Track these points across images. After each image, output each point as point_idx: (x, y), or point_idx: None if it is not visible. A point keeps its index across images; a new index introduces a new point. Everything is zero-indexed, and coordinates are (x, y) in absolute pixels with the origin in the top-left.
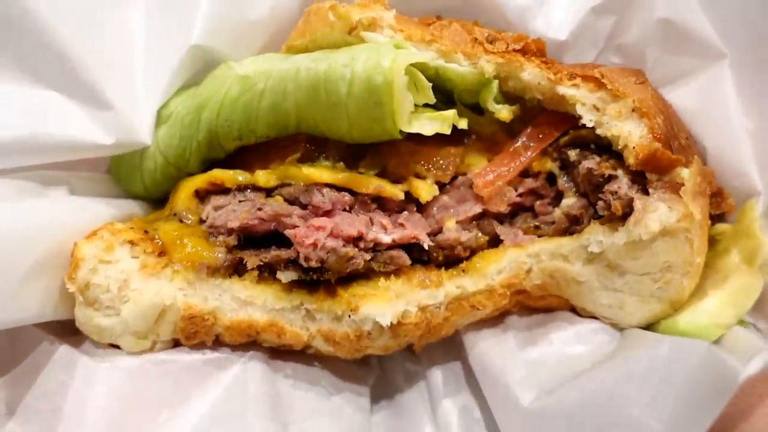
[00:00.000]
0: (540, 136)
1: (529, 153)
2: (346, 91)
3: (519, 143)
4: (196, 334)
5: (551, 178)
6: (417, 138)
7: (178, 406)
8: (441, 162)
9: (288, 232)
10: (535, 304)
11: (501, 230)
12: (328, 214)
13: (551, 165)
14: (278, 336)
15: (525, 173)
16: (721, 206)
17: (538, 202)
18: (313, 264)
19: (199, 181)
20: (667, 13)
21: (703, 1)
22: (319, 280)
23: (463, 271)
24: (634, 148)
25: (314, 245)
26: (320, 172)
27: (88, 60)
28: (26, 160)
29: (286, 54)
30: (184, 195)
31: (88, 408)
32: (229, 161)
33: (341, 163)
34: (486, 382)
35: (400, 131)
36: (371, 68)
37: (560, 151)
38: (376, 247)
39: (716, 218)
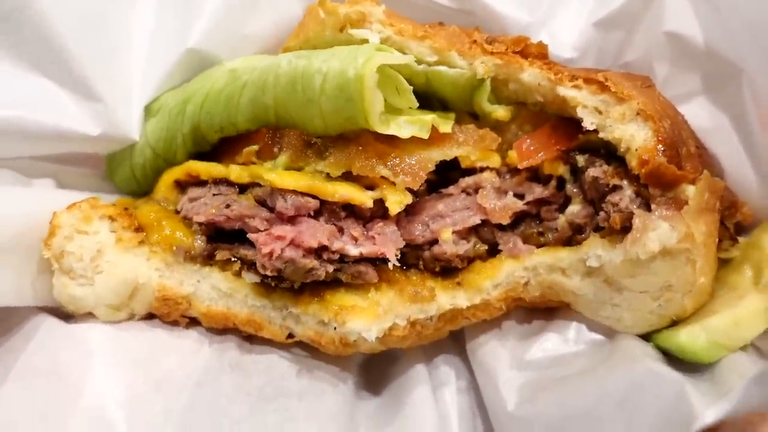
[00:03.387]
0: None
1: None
2: (320, 85)
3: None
4: (169, 315)
5: (562, 183)
6: (390, 139)
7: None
8: (412, 167)
9: (251, 236)
10: (534, 306)
11: (501, 238)
12: (292, 220)
13: (563, 169)
14: (256, 331)
15: (536, 178)
16: (736, 216)
17: (544, 208)
18: (269, 273)
19: (178, 171)
20: (674, 26)
21: (712, 14)
22: (278, 286)
23: (459, 284)
24: (636, 150)
25: (270, 255)
26: (282, 178)
27: (84, 53)
28: (12, 147)
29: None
30: (164, 185)
31: (74, 365)
32: (213, 151)
33: (302, 161)
34: (480, 377)
35: None
36: (346, 64)
37: (569, 155)
38: (344, 258)
39: (738, 230)
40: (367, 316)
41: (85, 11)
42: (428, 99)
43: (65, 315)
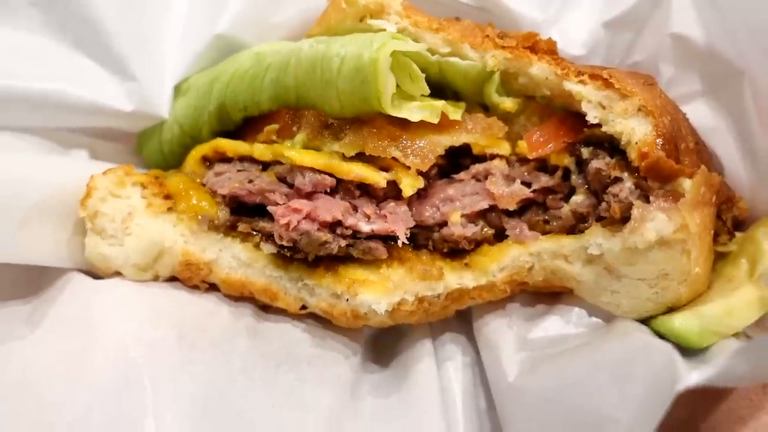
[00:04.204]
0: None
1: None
2: (337, 68)
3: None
4: (190, 279)
5: (567, 174)
6: (402, 124)
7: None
8: (422, 150)
9: (270, 208)
10: (538, 291)
11: (508, 224)
12: (309, 196)
13: (569, 160)
14: (271, 300)
15: (543, 168)
16: (732, 210)
17: (550, 197)
18: (285, 243)
19: (206, 148)
20: (680, 28)
21: (715, 16)
22: (293, 257)
23: (466, 265)
24: (636, 143)
25: (287, 226)
26: (301, 156)
27: (122, 35)
28: (52, 117)
29: None
30: (192, 159)
31: (101, 312)
32: (238, 132)
33: (318, 141)
34: (484, 353)
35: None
36: (362, 48)
37: (575, 147)
38: (357, 235)
39: (736, 227)
40: (378, 290)
41: None
42: (441, 90)
43: (95, 276)
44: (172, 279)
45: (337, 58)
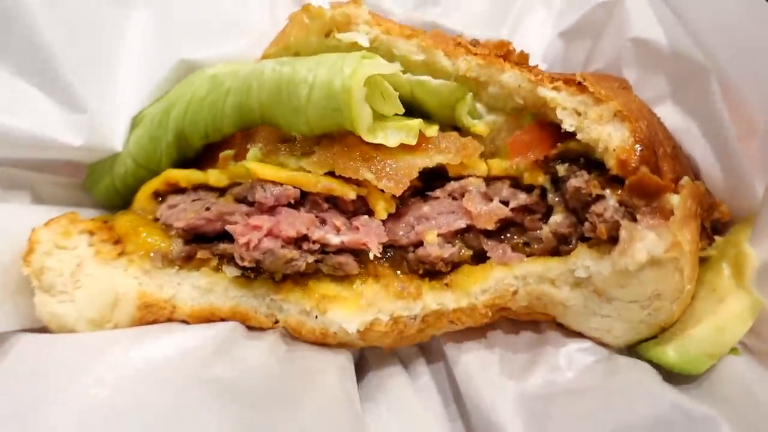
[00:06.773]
0: None
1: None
2: (306, 95)
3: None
4: (156, 322)
5: (544, 193)
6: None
7: None
8: (396, 172)
9: (228, 228)
10: (520, 318)
11: (488, 246)
12: (271, 210)
13: (543, 179)
14: (243, 321)
15: (517, 185)
16: (713, 215)
17: (528, 217)
18: (247, 264)
19: (157, 182)
20: (639, 32)
21: (673, 19)
22: (257, 278)
23: (447, 285)
24: (614, 150)
25: (247, 245)
26: (263, 168)
27: (72, 62)
28: None
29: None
30: (142, 195)
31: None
32: (196, 159)
33: (273, 154)
34: (473, 409)
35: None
36: (332, 74)
37: (549, 165)
38: (325, 249)
39: (714, 230)
40: (350, 307)
41: (75, 19)
42: (412, 113)
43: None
44: None
45: (305, 84)
